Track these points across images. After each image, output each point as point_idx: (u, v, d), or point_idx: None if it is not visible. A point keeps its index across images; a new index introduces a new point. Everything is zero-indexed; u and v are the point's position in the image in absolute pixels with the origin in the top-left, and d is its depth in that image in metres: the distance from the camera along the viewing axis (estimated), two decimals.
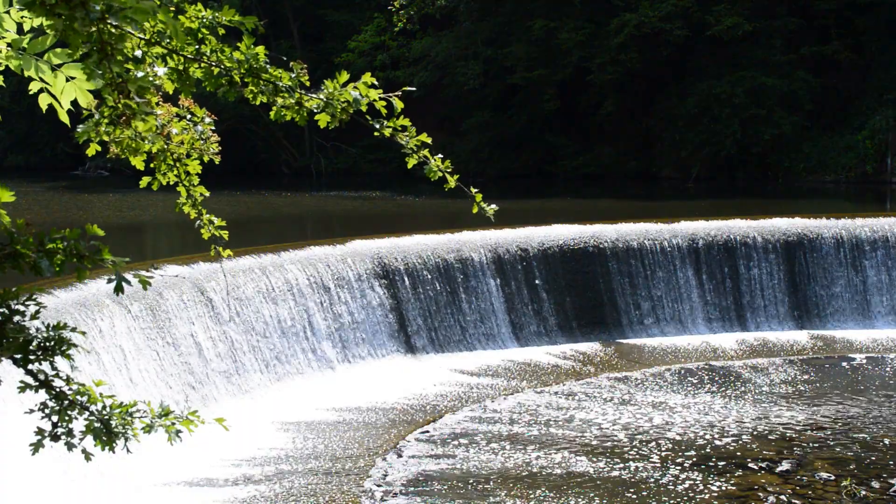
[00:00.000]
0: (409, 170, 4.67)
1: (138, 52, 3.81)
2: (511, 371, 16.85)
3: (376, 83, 4.04)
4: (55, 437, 3.61)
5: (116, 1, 3.24)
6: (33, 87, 4.05)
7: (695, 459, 12.25)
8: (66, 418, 3.58)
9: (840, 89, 38.31)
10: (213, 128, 4.57)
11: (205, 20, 4.07)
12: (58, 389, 3.59)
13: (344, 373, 16.00)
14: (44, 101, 4.09)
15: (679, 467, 11.97)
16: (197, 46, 4.03)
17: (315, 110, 4.02)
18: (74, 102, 4.10)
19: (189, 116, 4.48)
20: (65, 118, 4.15)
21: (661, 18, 37.52)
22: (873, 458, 12.29)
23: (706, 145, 38.13)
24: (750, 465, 12.03)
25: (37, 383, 3.57)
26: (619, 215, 22.31)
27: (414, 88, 5.85)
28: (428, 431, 13.51)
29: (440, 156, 4.35)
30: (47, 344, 3.54)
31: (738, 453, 12.49)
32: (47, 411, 3.60)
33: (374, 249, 17.56)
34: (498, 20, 42.33)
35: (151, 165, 4.53)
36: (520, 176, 41.26)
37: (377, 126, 4.17)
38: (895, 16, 37.46)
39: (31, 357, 3.53)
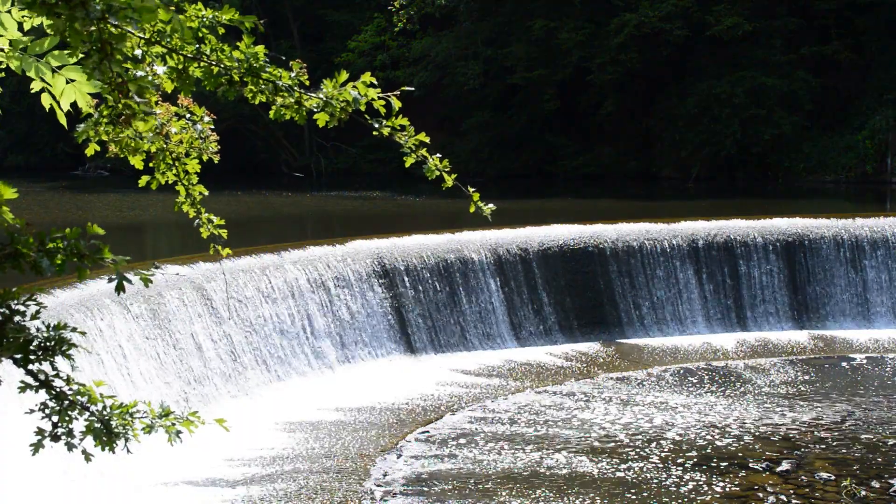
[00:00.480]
0: (409, 170, 4.67)
1: (138, 52, 3.81)
2: (511, 371, 16.85)
3: (375, 82, 4.05)
4: (55, 438, 3.61)
5: (117, 0, 3.24)
6: (35, 86, 4.05)
7: (695, 460, 12.25)
8: (67, 418, 3.58)
9: (840, 89, 38.31)
10: (213, 127, 4.57)
11: (205, 19, 4.07)
12: (58, 389, 3.59)
13: (344, 373, 16.00)
14: (46, 101, 4.09)
15: (679, 467, 11.96)
16: (197, 45, 4.03)
17: (314, 109, 4.03)
18: (74, 104, 4.10)
19: (188, 115, 4.48)
20: (63, 121, 4.15)
21: (661, 18, 37.51)
22: (873, 458, 12.30)
23: (706, 145, 38.13)
24: (750, 465, 12.03)
25: (37, 383, 3.57)
26: (619, 215, 22.31)
27: (413, 88, 5.86)
28: (428, 431, 13.51)
29: (438, 155, 4.35)
30: (48, 344, 3.54)
31: (739, 453, 12.49)
32: (47, 411, 3.60)
33: (374, 249, 17.56)
34: (498, 20, 42.32)
35: (150, 165, 4.53)
36: (520, 176, 41.26)
37: (376, 125, 4.17)
38: (895, 16, 37.46)
39: (32, 357, 3.53)
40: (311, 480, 11.43)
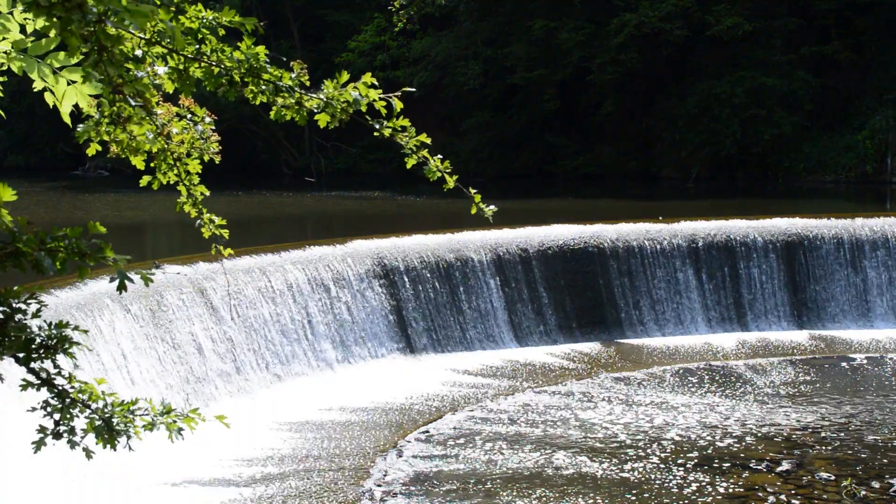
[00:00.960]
0: (409, 170, 4.68)
1: (138, 52, 3.82)
2: (511, 371, 16.86)
3: (376, 83, 4.06)
4: (57, 436, 3.62)
5: (114, 3, 3.25)
6: (37, 84, 4.06)
7: (695, 460, 12.26)
8: (68, 416, 3.60)
9: (840, 89, 38.33)
10: (213, 127, 4.58)
11: (205, 21, 4.08)
12: (60, 387, 3.60)
13: (344, 373, 16.01)
14: (50, 99, 4.10)
15: (680, 468, 11.97)
16: (197, 46, 4.04)
17: (315, 110, 4.04)
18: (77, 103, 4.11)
19: (189, 116, 4.50)
20: (67, 119, 4.17)
21: (661, 18, 37.54)
22: (873, 458, 12.30)
23: (706, 145, 38.15)
24: (750, 465, 12.04)
25: (38, 382, 3.58)
26: (619, 215, 22.31)
27: (414, 89, 5.86)
28: (428, 431, 13.52)
29: (440, 156, 4.36)
30: (49, 342, 3.55)
31: (739, 454, 12.49)
32: (49, 409, 3.61)
33: (374, 249, 17.57)
34: (498, 20, 42.35)
35: (152, 165, 4.55)
36: (520, 176, 41.27)
37: (377, 126, 4.18)
38: (895, 16, 37.48)
39: (33, 356, 3.55)
40: (311, 480, 11.44)
